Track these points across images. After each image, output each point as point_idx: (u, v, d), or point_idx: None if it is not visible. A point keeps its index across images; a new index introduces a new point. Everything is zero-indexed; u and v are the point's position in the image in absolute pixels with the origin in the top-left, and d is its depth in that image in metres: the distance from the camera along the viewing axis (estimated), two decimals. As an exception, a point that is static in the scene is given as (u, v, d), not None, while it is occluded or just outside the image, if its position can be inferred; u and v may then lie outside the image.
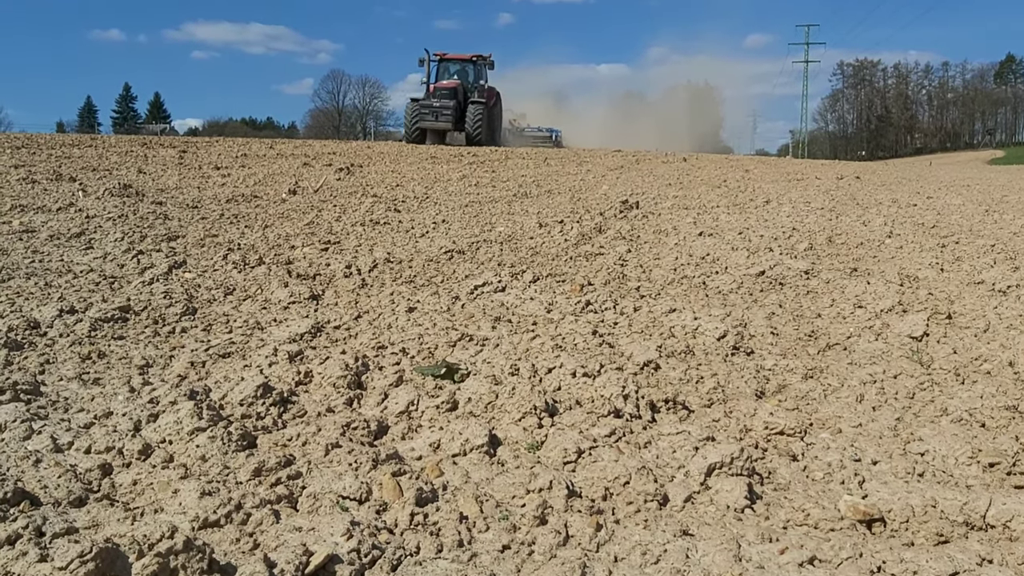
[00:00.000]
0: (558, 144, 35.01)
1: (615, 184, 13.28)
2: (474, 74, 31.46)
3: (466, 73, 31.84)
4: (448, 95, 29.22)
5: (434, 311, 3.64)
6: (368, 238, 6.06)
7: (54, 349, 2.85)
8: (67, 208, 6.97)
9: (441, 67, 31.77)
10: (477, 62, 31.56)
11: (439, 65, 31.62)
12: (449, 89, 29.47)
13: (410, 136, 29.19)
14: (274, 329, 3.25)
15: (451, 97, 29.19)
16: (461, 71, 31.91)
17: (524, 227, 6.68)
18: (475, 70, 31.52)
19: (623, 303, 3.86)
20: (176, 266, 4.33)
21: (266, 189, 9.87)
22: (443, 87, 29.64)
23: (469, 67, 31.77)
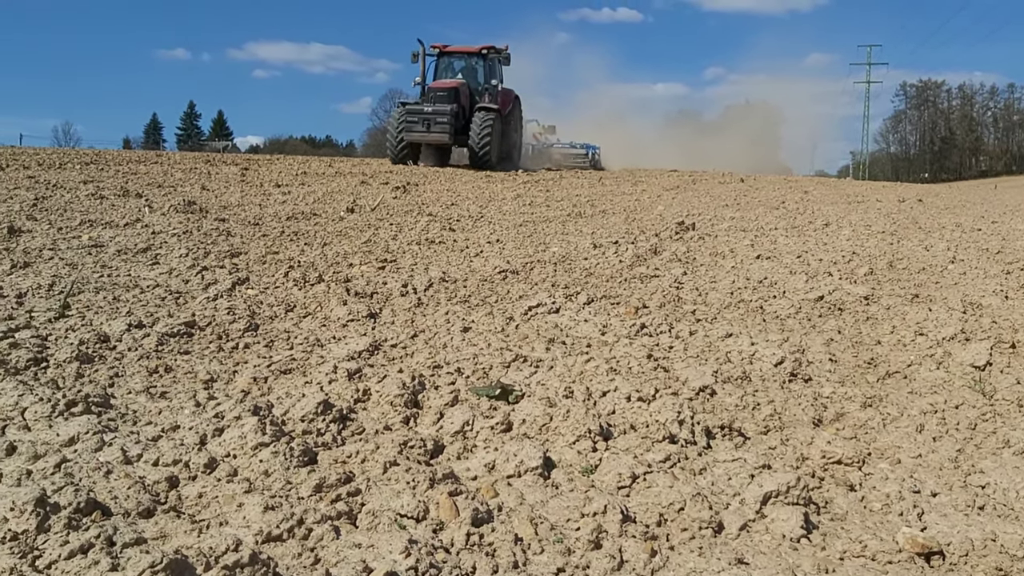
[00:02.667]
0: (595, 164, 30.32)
1: (671, 204, 13.23)
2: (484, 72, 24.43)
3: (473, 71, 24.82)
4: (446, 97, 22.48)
5: (488, 331, 3.67)
6: (424, 257, 6.13)
7: (123, 363, 2.95)
8: (134, 224, 7.19)
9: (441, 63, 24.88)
10: (488, 56, 24.40)
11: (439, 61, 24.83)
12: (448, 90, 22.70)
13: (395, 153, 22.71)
14: (333, 346, 3.31)
15: (450, 100, 22.45)
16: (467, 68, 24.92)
17: (578, 247, 6.70)
18: (486, 66, 24.44)
19: (679, 327, 3.85)
20: (239, 283, 4.44)
21: (325, 207, 10.05)
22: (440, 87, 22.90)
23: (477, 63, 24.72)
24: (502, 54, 24.83)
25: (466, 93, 23.55)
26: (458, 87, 23.17)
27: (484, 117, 22.59)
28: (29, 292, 4.07)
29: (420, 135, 22.50)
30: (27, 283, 4.22)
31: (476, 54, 24.78)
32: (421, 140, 22.74)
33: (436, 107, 22.46)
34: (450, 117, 22.26)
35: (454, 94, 22.87)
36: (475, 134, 22.37)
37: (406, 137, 22.45)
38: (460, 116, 22.83)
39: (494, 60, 24.68)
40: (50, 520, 1.65)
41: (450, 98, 22.73)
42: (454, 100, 22.74)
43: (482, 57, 24.75)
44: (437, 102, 22.70)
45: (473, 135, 22.40)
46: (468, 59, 25.08)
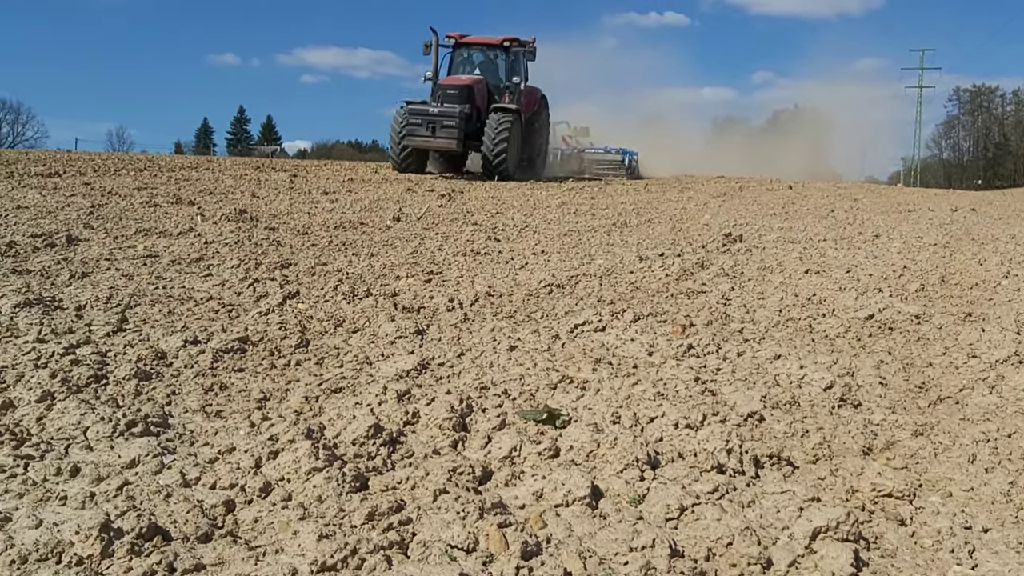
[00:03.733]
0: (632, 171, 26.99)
1: (717, 213, 13.13)
2: (506, 67, 21.44)
3: (493, 66, 21.73)
4: (457, 96, 19.47)
5: (534, 350, 3.69)
6: (469, 269, 6.17)
7: (179, 380, 3.02)
8: (187, 233, 7.34)
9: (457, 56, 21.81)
10: (511, 48, 21.30)
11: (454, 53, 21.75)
12: (460, 88, 19.71)
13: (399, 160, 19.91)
14: (382, 364, 3.36)
15: (461, 99, 19.46)
16: (486, 63, 21.88)
17: (624, 260, 6.69)
18: (507, 61, 21.41)
19: (726, 347, 3.84)
20: (290, 296, 4.52)
21: (372, 215, 10.15)
22: (451, 85, 19.89)
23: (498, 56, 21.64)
24: (527, 47, 21.66)
25: (483, 91, 20.52)
26: (472, 85, 20.13)
27: (500, 119, 19.45)
28: (88, 304, 4.18)
29: (424, 140, 19.41)
30: (86, 295, 4.34)
31: (497, 46, 21.54)
32: (425, 146, 19.76)
33: (444, 108, 19.35)
34: (459, 119, 19.09)
35: (466, 92, 19.80)
36: (489, 139, 19.32)
37: (408, 142, 19.52)
38: (473, 118, 19.78)
39: (518, 54, 21.53)
40: (114, 545, 1.71)
41: (461, 97, 19.65)
42: (466, 99, 19.70)
43: (504, 50, 21.51)
44: (446, 101, 19.61)
45: (487, 140, 19.36)
46: (488, 52, 21.89)
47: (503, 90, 21.08)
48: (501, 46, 21.55)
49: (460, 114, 19.17)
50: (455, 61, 21.86)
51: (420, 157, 20.45)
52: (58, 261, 5.54)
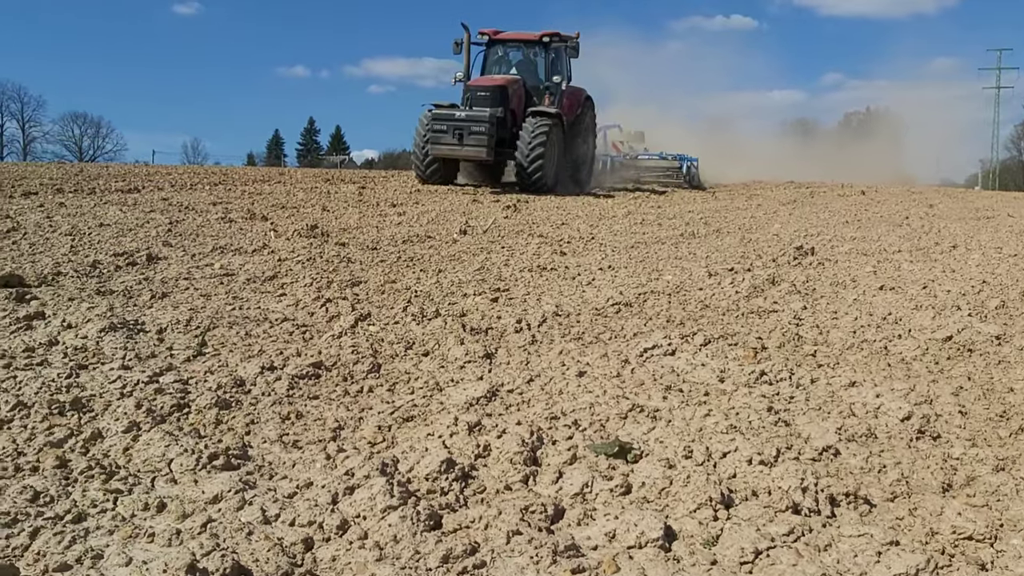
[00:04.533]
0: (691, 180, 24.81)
1: (787, 222, 12.92)
2: (546, 65, 19.29)
3: (531, 65, 19.59)
4: (487, 99, 17.55)
5: (604, 376, 3.69)
6: (536, 286, 6.19)
7: (257, 408, 3.11)
8: (261, 250, 7.52)
9: (492, 55, 19.60)
10: (552, 44, 19.07)
11: (488, 51, 19.58)
12: (492, 89, 17.72)
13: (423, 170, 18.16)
14: (452, 391, 3.40)
15: (493, 102, 17.50)
16: (524, 62, 19.79)
17: (693, 275, 6.63)
18: (547, 58, 19.26)
19: (799, 372, 3.77)
20: (361, 318, 4.60)
21: (438, 228, 10.25)
22: (481, 86, 17.98)
23: (537, 53, 19.49)
24: (569, 43, 19.46)
25: (519, 93, 18.54)
26: (506, 85, 18.10)
27: (536, 124, 17.38)
28: (168, 327, 4.32)
29: (450, 148, 17.41)
30: (166, 317, 4.48)
31: (536, 43, 19.32)
32: (451, 155, 17.72)
33: (472, 112, 17.38)
34: (488, 125, 17.00)
35: (499, 94, 17.76)
36: (524, 146, 17.25)
37: (432, 151, 17.59)
38: (506, 123, 17.73)
39: (559, 51, 19.40)
40: (200, 586, 1.77)
41: (493, 99, 17.63)
42: (498, 102, 17.66)
43: (544, 47, 19.27)
44: (475, 104, 17.66)
45: (521, 148, 17.29)
46: (526, 49, 19.75)
47: (542, 91, 19.01)
48: (540, 42, 19.26)
49: (491, 119, 17.10)
50: (489, 60, 19.73)
51: (449, 167, 18.64)
52: (139, 281, 5.74)
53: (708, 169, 26.23)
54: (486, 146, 17.17)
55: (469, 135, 17.19)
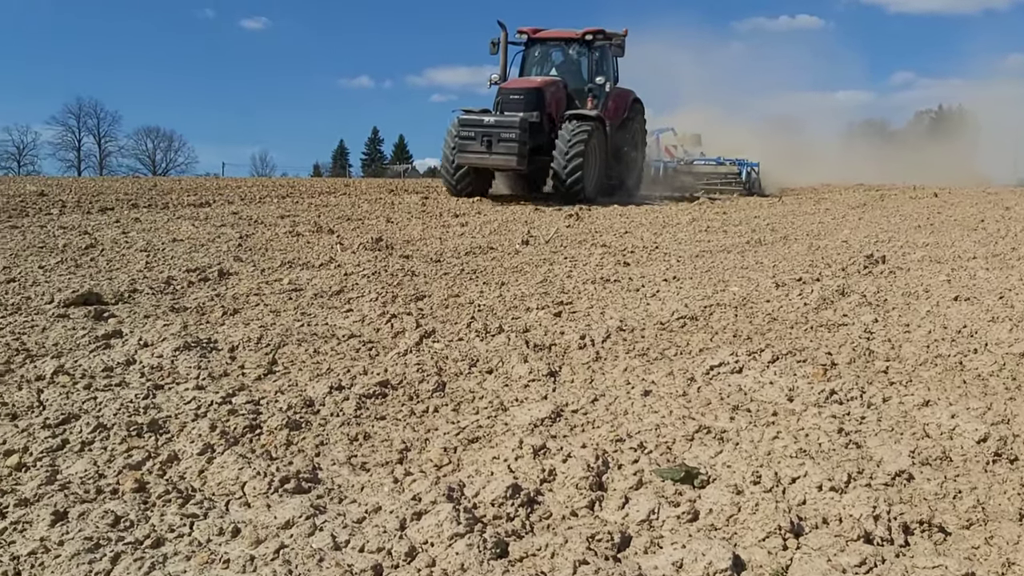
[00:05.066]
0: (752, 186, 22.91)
1: (857, 227, 12.65)
2: (589, 65, 18.09)
3: (574, 65, 18.42)
4: (522, 101, 16.48)
5: (669, 395, 3.66)
6: (599, 299, 6.17)
7: (326, 429, 3.16)
8: (328, 264, 7.65)
9: (531, 55, 18.50)
10: (596, 42, 17.91)
11: (527, 51, 18.48)
12: (526, 91, 16.65)
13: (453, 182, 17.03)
14: (517, 411, 3.41)
15: (528, 105, 16.44)
16: (566, 61, 18.57)
17: (760, 287, 6.53)
18: (591, 58, 18.09)
19: (870, 391, 3.69)
20: (426, 335, 4.64)
21: (501, 239, 10.30)
22: (515, 88, 16.86)
23: (580, 53, 18.33)
24: (614, 41, 18.15)
25: (558, 96, 17.31)
26: (542, 87, 16.89)
27: (575, 130, 16.21)
28: (240, 345, 4.42)
29: (478, 157, 16.13)
30: (238, 335, 4.59)
31: (578, 41, 18.10)
32: (480, 164, 16.39)
33: (502, 117, 16.14)
34: (519, 131, 15.67)
35: (534, 97, 16.61)
36: (561, 154, 16.12)
37: (459, 159, 16.39)
38: (542, 128, 16.54)
39: (603, 50, 18.16)
40: (273, 615, 1.80)
41: (527, 102, 16.49)
42: (533, 105, 16.49)
43: (586, 45, 18.03)
44: (508, 109, 16.51)
45: (558, 155, 16.15)
46: (567, 49, 18.52)
47: (585, 94, 17.74)
48: (582, 40, 18.00)
49: (521, 124, 15.81)
50: (528, 61, 18.60)
51: (481, 177, 17.20)
52: (211, 297, 5.89)
53: (773, 173, 24.76)
54: (516, 154, 15.79)
55: (499, 142, 15.85)
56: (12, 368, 3.90)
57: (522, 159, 15.96)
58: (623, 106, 18.61)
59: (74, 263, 7.18)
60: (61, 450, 2.85)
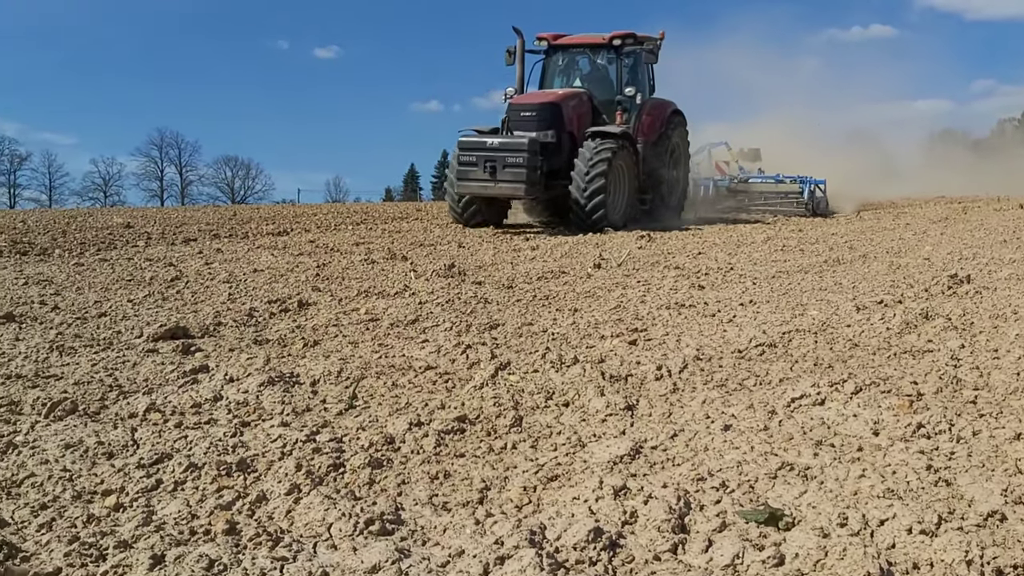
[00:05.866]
0: (816, 206, 20.21)
1: (939, 243, 12.30)
2: (619, 74, 16.09)
3: (602, 75, 16.52)
4: (534, 119, 14.41)
5: (750, 429, 3.61)
6: (674, 325, 6.12)
7: (407, 467, 3.21)
8: (402, 292, 7.77)
9: (553, 63, 16.56)
10: (625, 47, 15.89)
11: (547, 60, 16.56)
12: (540, 107, 14.64)
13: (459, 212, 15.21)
14: (595, 447, 3.41)
15: (540, 124, 14.38)
16: (592, 71, 16.67)
17: (839, 310, 6.40)
18: (620, 66, 16.08)
19: (959, 423, 3.57)
20: (501, 367, 4.67)
21: (572, 262, 10.31)
22: (527, 103, 14.90)
23: (608, 60, 16.35)
24: (646, 46, 16.04)
25: (581, 110, 15.22)
26: (558, 102, 14.78)
27: (596, 149, 14.19)
28: (321, 379, 4.52)
29: (480, 185, 14.11)
30: (319, 368, 4.69)
31: (604, 47, 16.03)
32: (483, 193, 14.37)
33: (508, 139, 14.02)
34: (527, 155, 13.62)
35: (548, 114, 14.48)
36: (580, 177, 14.07)
37: (460, 189, 14.50)
38: (560, 149, 14.51)
39: (635, 56, 16.09)
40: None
41: (540, 120, 14.38)
42: (548, 123, 14.37)
43: (615, 51, 15.95)
44: (518, 127, 14.39)
45: (576, 179, 14.11)
46: (593, 56, 16.50)
47: (615, 106, 15.75)
48: (610, 46, 15.90)
49: (531, 146, 13.66)
50: (549, 71, 16.60)
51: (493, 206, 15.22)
52: (292, 329, 6.04)
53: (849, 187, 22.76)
54: (525, 181, 13.67)
55: (504, 168, 13.72)
56: (107, 404, 4.06)
57: (532, 187, 13.90)
58: (659, 120, 16.47)
59: (161, 296, 7.44)
60: (155, 490, 2.95)
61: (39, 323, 6.11)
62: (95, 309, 6.70)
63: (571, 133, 14.92)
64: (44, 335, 5.65)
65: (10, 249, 10.85)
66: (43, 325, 6.03)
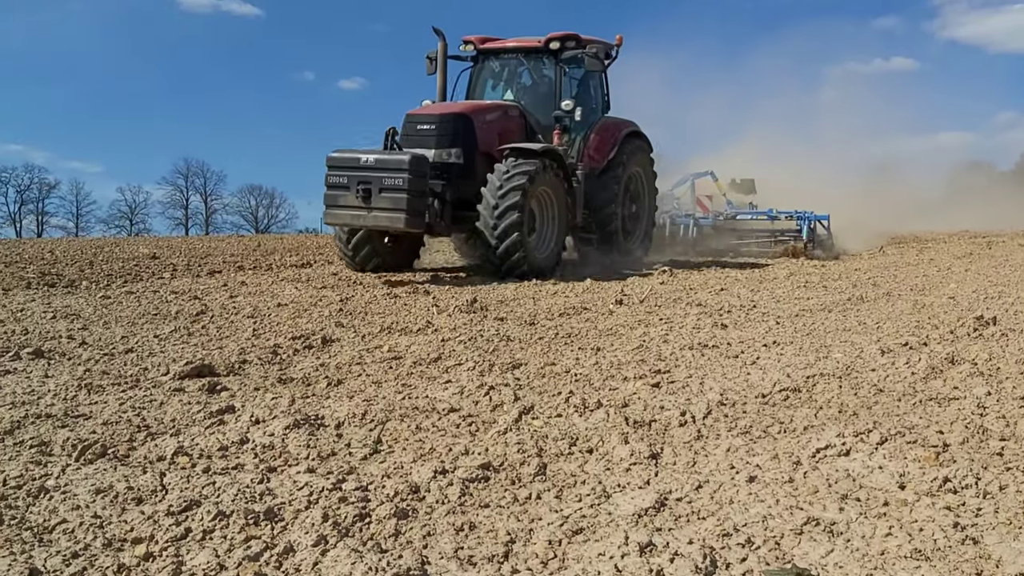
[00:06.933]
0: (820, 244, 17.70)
1: (964, 280, 12.22)
2: (558, 85, 13.47)
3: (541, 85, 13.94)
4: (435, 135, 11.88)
5: (775, 481, 3.60)
6: (698, 367, 6.11)
7: (432, 518, 3.23)
8: (425, 328, 7.81)
9: (484, 71, 14.08)
10: (564, 52, 13.25)
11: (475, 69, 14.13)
12: (442, 120, 12.06)
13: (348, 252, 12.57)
14: (619, 499, 3.41)
15: (442, 139, 11.89)
16: (532, 84, 14.11)
17: (864, 353, 6.36)
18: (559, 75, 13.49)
19: (986, 477, 3.55)
20: (525, 411, 4.69)
21: (594, 297, 10.33)
22: (427, 115, 12.29)
23: (545, 67, 13.81)
24: (588, 50, 13.26)
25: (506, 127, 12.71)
26: (469, 114, 12.24)
27: (510, 173, 11.45)
28: (346, 421, 4.56)
29: (352, 215, 11.18)
30: (343, 410, 4.72)
31: (542, 51, 13.44)
32: (353, 224, 11.62)
33: (387, 155, 11.14)
34: (412, 176, 10.75)
35: (451, 128, 11.94)
36: (488, 209, 11.43)
37: (328, 219, 11.66)
38: (472, 173, 11.92)
39: (577, 62, 13.44)
40: None
41: (441, 136, 11.83)
42: (450, 140, 11.87)
43: (552, 56, 13.38)
44: (414, 144, 11.72)
45: (485, 212, 11.46)
46: (529, 63, 13.88)
47: (554, 123, 13.18)
48: (547, 50, 13.31)
49: (414, 165, 10.80)
50: (479, 81, 14.08)
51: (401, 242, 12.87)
52: (316, 367, 6.08)
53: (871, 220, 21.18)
54: (405, 210, 10.73)
55: (380, 193, 10.82)
56: (135, 447, 4.11)
57: (414, 217, 10.94)
58: (610, 143, 13.86)
59: (187, 331, 7.52)
60: (184, 539, 2.99)
61: (67, 359, 6.20)
62: (122, 344, 6.79)
63: (488, 154, 12.24)
64: (72, 372, 5.74)
65: (39, 280, 11.01)
66: (71, 361, 6.11)
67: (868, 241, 19.45)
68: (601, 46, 13.87)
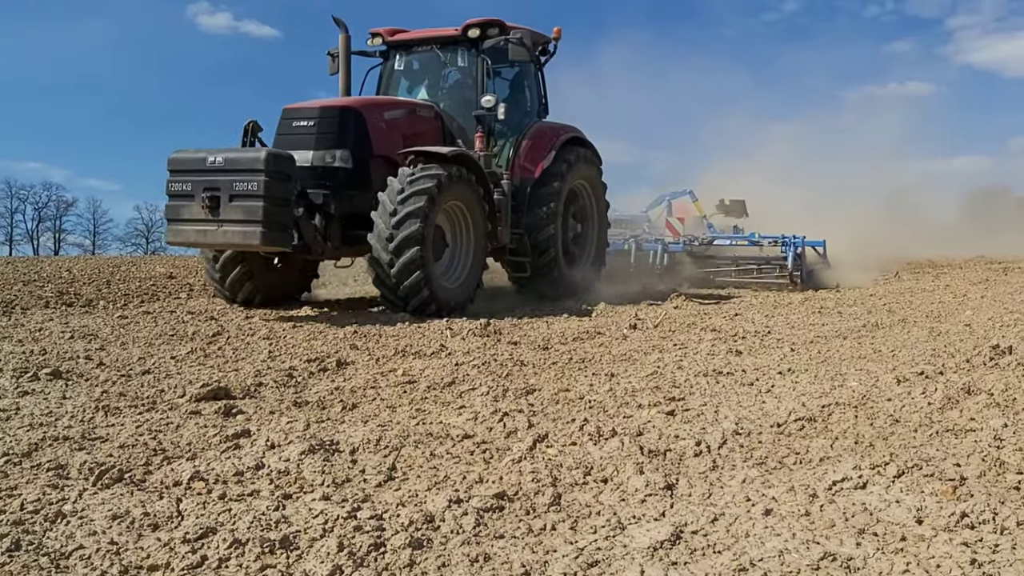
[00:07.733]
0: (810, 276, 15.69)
1: (980, 307, 12.15)
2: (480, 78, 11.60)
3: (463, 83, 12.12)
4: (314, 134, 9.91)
5: (791, 514, 3.58)
6: (712, 395, 6.10)
7: (447, 548, 3.23)
8: (439, 352, 7.82)
9: (394, 69, 12.26)
10: (482, 41, 11.39)
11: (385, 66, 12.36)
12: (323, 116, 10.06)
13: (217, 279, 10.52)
14: (635, 531, 3.40)
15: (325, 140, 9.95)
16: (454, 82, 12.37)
17: (879, 382, 6.33)
18: (481, 68, 11.57)
19: (1003, 512, 3.52)
20: (539, 439, 4.69)
21: (607, 321, 10.34)
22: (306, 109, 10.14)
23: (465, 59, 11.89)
24: (512, 35, 11.30)
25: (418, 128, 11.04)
26: (359, 109, 10.40)
27: (411, 179, 9.65)
28: (360, 447, 4.57)
29: (197, 231, 9.01)
30: (358, 436, 4.73)
31: (460, 42, 11.73)
32: (200, 242, 9.48)
33: (238, 153, 9.11)
34: (269, 179, 8.67)
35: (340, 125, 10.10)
36: (384, 217, 9.54)
37: (169, 237, 9.41)
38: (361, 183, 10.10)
39: (499, 54, 11.51)
40: None
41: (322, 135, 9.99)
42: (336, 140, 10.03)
43: (472, 46, 11.60)
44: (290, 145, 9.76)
45: (380, 221, 9.58)
46: (447, 56, 12.00)
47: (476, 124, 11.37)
48: (465, 39, 11.58)
49: (271, 164, 8.73)
50: (389, 79, 12.31)
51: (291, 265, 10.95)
52: (331, 391, 6.11)
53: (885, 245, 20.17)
54: (262, 221, 8.64)
55: (230, 201, 8.71)
56: (151, 471, 4.13)
57: (276, 232, 8.83)
58: (546, 150, 11.93)
59: (203, 352, 7.57)
60: (200, 567, 3.00)
61: (85, 380, 6.25)
62: (139, 366, 6.83)
63: (389, 159, 10.37)
64: (90, 393, 5.78)
65: (56, 300, 11.11)
66: (89, 382, 6.16)
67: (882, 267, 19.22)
68: (530, 35, 11.96)
